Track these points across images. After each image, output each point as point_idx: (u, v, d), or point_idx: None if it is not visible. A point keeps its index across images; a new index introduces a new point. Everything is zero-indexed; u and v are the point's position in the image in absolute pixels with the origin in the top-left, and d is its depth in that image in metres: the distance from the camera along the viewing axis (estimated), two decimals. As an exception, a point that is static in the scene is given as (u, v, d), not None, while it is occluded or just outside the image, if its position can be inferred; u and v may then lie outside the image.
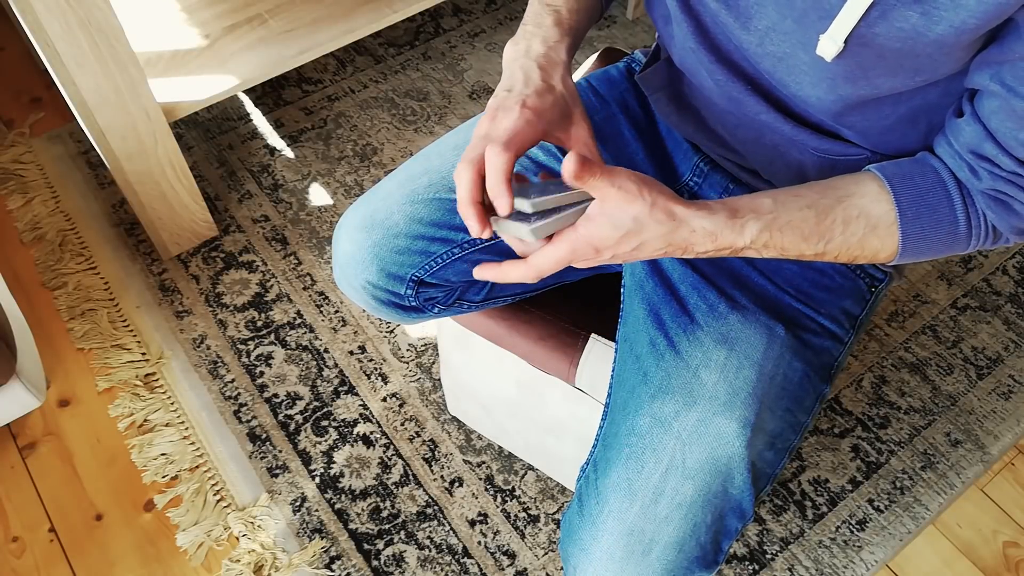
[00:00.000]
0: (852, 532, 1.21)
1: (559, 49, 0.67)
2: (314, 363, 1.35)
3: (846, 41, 0.56)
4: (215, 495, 1.22)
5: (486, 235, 0.60)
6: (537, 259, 0.59)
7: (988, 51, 0.55)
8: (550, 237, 0.59)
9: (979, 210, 0.61)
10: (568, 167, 0.53)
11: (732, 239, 0.59)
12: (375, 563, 1.16)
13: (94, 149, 1.60)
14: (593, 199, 0.57)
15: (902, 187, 0.60)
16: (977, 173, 0.59)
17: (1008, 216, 0.60)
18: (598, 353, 0.89)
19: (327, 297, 1.42)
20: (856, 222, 0.61)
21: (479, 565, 1.17)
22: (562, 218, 0.57)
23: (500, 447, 1.27)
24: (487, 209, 0.60)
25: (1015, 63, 0.53)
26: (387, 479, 1.24)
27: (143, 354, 1.35)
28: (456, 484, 1.23)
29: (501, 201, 0.57)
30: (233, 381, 1.32)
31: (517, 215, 0.58)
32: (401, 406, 1.31)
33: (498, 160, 0.57)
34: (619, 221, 0.56)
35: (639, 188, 0.56)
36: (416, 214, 0.79)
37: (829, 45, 0.57)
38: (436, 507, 1.21)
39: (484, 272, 0.63)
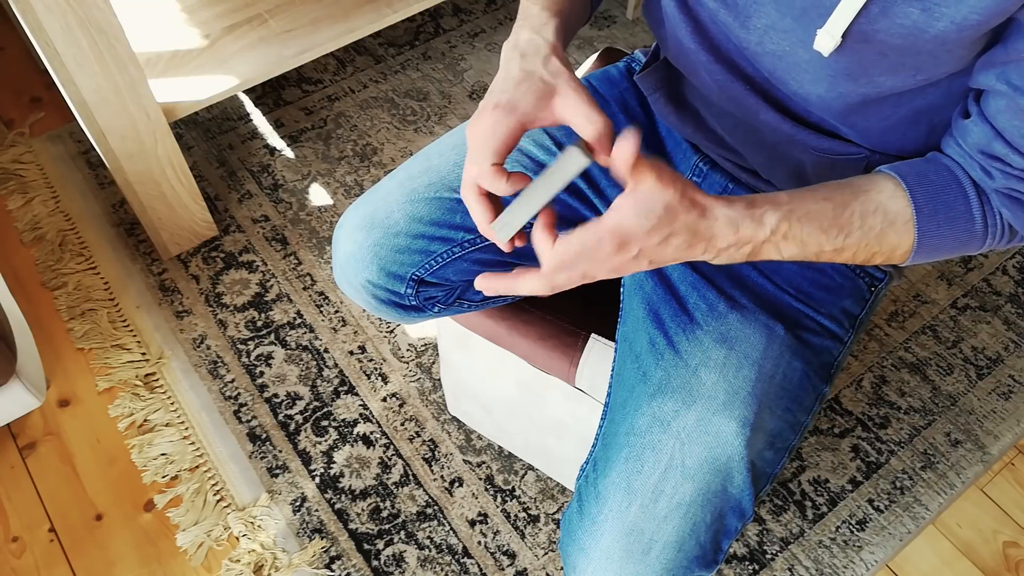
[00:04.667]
0: (852, 532, 1.21)
1: (545, 31, 0.64)
2: (314, 363, 1.35)
3: (846, 36, 0.56)
4: (215, 495, 1.22)
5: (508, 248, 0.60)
6: (553, 256, 0.56)
7: (993, 51, 0.55)
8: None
9: (995, 209, 0.61)
10: (623, 155, 0.52)
11: (753, 229, 0.57)
12: (375, 563, 1.16)
13: (94, 149, 1.60)
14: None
15: (917, 184, 0.60)
16: (990, 173, 0.59)
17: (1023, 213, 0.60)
18: (598, 353, 0.89)
19: (327, 297, 1.42)
20: (874, 216, 0.59)
21: (479, 565, 1.17)
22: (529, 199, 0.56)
23: (500, 447, 1.27)
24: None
25: (1020, 62, 0.53)
26: (387, 479, 1.24)
27: (143, 354, 1.35)
28: (456, 484, 1.23)
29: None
30: (233, 381, 1.32)
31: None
32: (401, 406, 1.31)
33: (487, 180, 0.59)
34: (651, 208, 0.53)
35: (672, 174, 0.54)
36: (416, 213, 0.79)
37: (826, 40, 0.57)
38: (436, 507, 1.21)
39: (489, 283, 0.60)
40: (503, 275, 0.59)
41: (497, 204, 0.62)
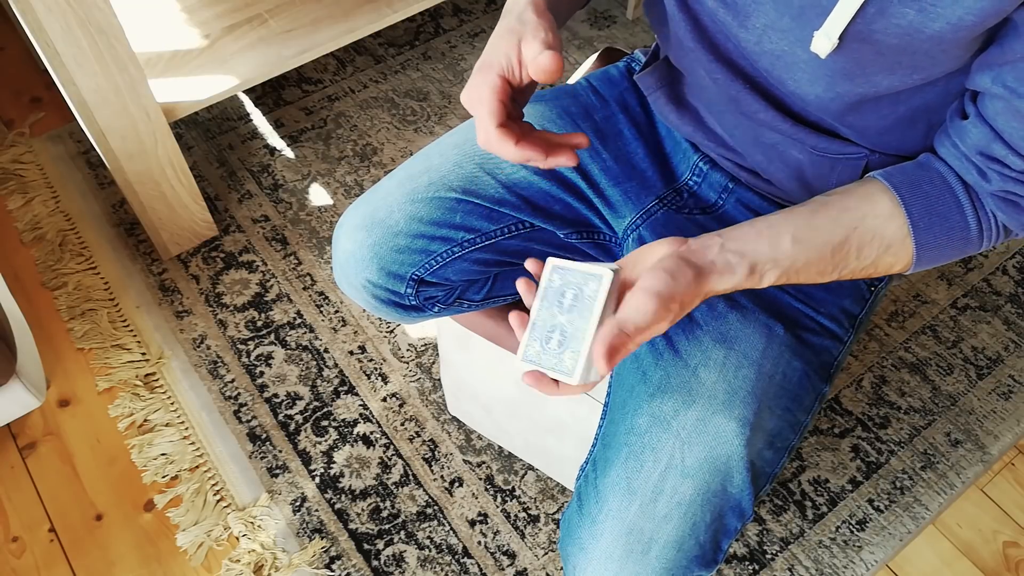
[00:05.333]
0: (852, 532, 1.21)
1: None
2: (314, 363, 1.35)
3: (843, 37, 0.56)
4: (215, 495, 1.22)
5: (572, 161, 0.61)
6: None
7: (988, 52, 0.55)
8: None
9: (989, 212, 0.61)
10: (603, 371, 0.53)
11: (751, 285, 0.61)
12: (375, 563, 1.16)
13: (94, 149, 1.60)
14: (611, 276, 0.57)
15: (912, 198, 0.60)
16: (986, 175, 0.59)
17: (1019, 215, 0.60)
18: (598, 353, 0.89)
19: (327, 297, 1.42)
20: (870, 246, 0.61)
21: (479, 565, 1.17)
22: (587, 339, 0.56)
23: (500, 447, 1.27)
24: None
25: (1016, 64, 0.53)
26: (387, 479, 1.24)
27: (143, 354, 1.35)
28: (456, 484, 1.23)
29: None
30: (233, 381, 1.32)
31: (542, 360, 0.58)
32: (401, 406, 1.31)
33: (479, 142, 0.60)
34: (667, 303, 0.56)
35: (655, 303, 0.55)
36: (416, 213, 0.79)
37: (823, 42, 0.57)
38: (436, 507, 1.21)
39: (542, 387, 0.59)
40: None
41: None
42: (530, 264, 0.63)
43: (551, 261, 0.60)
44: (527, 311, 0.62)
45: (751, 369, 0.69)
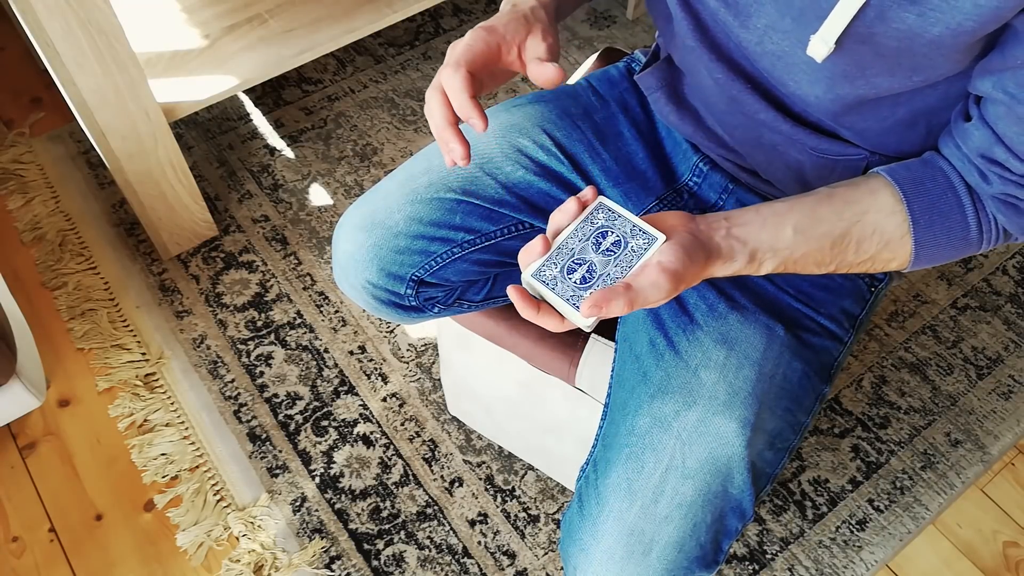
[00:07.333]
0: (852, 532, 1.21)
1: None
2: (314, 363, 1.35)
3: (842, 40, 0.56)
4: (215, 495, 1.22)
5: (465, 163, 0.60)
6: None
7: (990, 58, 0.55)
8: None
9: (989, 214, 0.61)
10: (586, 313, 0.55)
11: (749, 272, 0.62)
12: (375, 563, 1.16)
13: (94, 149, 1.60)
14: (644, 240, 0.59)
15: (915, 195, 0.61)
16: (987, 177, 0.59)
17: (1018, 218, 0.61)
18: (598, 353, 0.89)
19: (327, 297, 1.42)
20: (870, 240, 0.62)
21: (479, 565, 1.17)
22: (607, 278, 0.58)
23: (500, 447, 1.27)
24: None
25: (1016, 70, 0.53)
26: (387, 479, 1.24)
27: (143, 354, 1.35)
28: (456, 484, 1.23)
29: (474, 121, 0.58)
30: (233, 381, 1.32)
31: (556, 286, 0.58)
32: (401, 406, 1.31)
33: (453, 81, 0.59)
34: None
35: (670, 284, 0.56)
36: (416, 214, 0.79)
37: (819, 46, 0.57)
38: (436, 507, 1.21)
39: (536, 317, 0.59)
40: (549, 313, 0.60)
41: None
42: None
43: (602, 198, 0.61)
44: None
45: (752, 370, 0.69)
